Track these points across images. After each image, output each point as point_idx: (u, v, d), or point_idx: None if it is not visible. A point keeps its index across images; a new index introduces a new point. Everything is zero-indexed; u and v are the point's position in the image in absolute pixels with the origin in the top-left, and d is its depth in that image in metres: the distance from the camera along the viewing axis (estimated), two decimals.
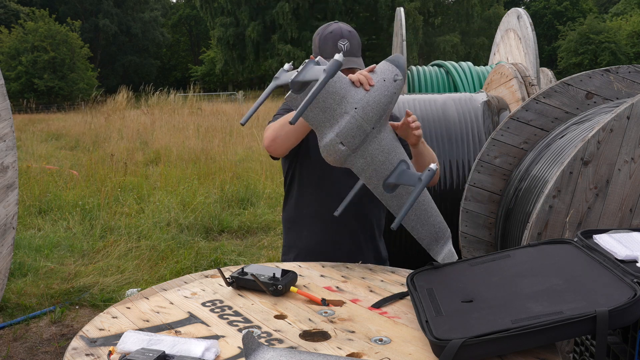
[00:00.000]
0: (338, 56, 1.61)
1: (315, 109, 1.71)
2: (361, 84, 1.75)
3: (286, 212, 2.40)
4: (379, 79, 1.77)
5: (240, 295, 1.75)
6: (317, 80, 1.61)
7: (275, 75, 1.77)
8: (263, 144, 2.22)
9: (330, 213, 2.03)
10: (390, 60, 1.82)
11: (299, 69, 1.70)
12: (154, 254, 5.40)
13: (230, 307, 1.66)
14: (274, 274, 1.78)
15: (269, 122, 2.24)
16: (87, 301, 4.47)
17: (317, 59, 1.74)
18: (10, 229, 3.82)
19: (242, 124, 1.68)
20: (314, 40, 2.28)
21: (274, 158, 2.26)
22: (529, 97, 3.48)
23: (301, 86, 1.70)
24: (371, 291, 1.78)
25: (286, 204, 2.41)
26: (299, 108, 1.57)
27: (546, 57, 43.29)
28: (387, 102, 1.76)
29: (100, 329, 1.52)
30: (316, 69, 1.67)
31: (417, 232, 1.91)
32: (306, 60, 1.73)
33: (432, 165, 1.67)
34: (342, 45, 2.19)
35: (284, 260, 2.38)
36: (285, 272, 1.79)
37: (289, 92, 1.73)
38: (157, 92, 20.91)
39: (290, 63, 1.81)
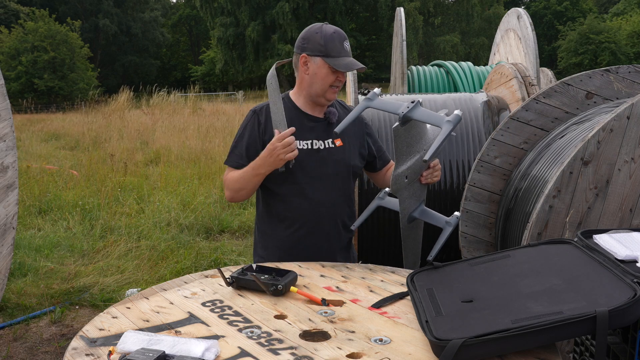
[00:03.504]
0: (458, 112, 1.83)
1: (404, 142, 1.93)
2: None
3: (259, 212, 2.41)
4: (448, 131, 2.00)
5: (240, 295, 1.75)
6: (430, 124, 1.87)
7: (368, 96, 1.96)
8: (225, 196, 2.30)
9: (304, 213, 2.25)
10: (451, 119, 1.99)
11: (408, 105, 1.87)
12: (154, 254, 5.40)
13: (230, 307, 1.66)
14: (273, 274, 1.78)
15: (227, 161, 2.30)
16: (87, 301, 4.47)
17: (420, 100, 1.91)
18: (10, 229, 3.82)
19: (337, 134, 1.97)
20: (310, 38, 2.22)
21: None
22: (529, 97, 3.48)
23: (407, 121, 1.89)
24: (371, 291, 1.78)
25: (259, 204, 2.41)
26: (430, 150, 1.80)
27: (546, 57, 43.27)
28: (440, 151, 2.06)
29: (100, 329, 1.52)
30: (432, 114, 1.86)
31: (407, 250, 2.21)
32: (415, 100, 1.90)
33: (457, 213, 2.02)
34: (347, 46, 2.24)
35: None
36: (285, 272, 1.79)
37: (396, 124, 1.93)
38: (158, 92, 20.90)
39: (379, 89, 2.01)
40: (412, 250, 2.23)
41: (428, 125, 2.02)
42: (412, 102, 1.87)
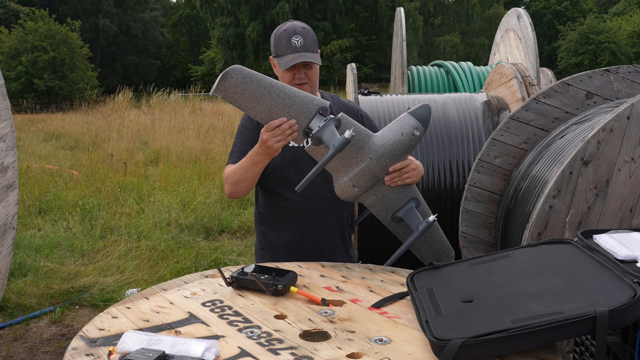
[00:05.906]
0: (348, 134, 1.79)
1: (334, 158, 1.86)
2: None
3: (259, 213, 2.40)
4: (397, 133, 1.90)
5: (240, 295, 1.75)
6: (329, 146, 1.81)
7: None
8: (226, 192, 2.24)
9: (305, 210, 2.23)
10: (413, 113, 1.92)
11: (323, 121, 1.83)
12: (154, 254, 5.40)
13: (230, 307, 1.66)
14: (273, 274, 1.78)
15: (228, 162, 2.25)
16: (87, 301, 4.47)
17: (339, 115, 1.86)
18: (10, 229, 3.82)
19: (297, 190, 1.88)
20: (270, 41, 2.27)
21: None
22: (529, 97, 3.48)
23: (319, 142, 1.87)
24: (371, 291, 1.78)
25: (258, 205, 2.41)
26: (305, 178, 1.80)
27: (546, 57, 43.26)
28: (402, 153, 1.92)
29: (100, 329, 1.52)
30: (333, 135, 1.82)
31: (420, 253, 2.10)
32: (331, 116, 1.86)
33: (431, 218, 1.89)
34: (296, 42, 2.15)
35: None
36: (285, 272, 1.79)
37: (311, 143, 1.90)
38: (158, 92, 20.88)
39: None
40: (430, 245, 2.12)
41: (378, 132, 1.96)
42: (325, 120, 1.83)
